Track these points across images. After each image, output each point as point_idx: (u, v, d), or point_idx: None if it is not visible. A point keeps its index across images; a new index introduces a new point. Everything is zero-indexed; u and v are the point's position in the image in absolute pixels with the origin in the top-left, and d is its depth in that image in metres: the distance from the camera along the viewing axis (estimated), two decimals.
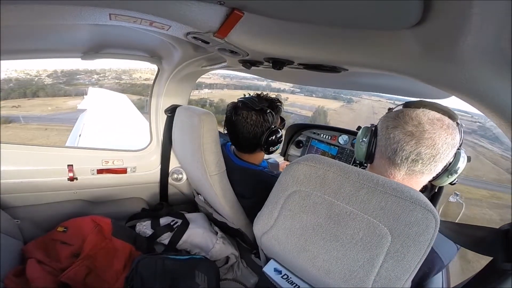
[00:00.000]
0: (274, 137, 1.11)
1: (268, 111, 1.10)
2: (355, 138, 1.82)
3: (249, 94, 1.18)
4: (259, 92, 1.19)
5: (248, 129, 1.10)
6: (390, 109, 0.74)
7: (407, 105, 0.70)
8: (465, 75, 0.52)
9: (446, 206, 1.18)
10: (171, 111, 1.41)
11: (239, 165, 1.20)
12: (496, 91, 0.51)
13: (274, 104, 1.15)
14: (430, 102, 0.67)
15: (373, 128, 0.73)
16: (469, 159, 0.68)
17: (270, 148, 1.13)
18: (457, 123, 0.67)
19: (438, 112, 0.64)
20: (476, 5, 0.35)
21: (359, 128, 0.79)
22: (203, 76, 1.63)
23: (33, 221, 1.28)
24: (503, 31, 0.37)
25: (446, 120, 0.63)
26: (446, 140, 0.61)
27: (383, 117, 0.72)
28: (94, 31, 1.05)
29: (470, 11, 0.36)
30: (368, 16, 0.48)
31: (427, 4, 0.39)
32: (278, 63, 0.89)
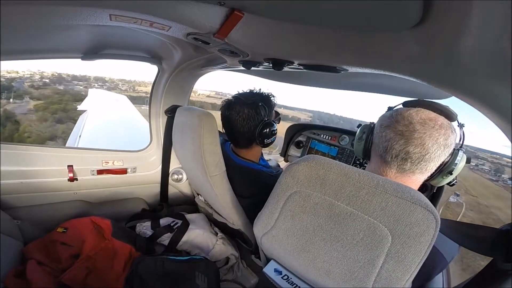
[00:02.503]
0: (267, 129, 1.12)
1: (260, 104, 1.11)
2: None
3: (243, 90, 1.19)
4: (252, 88, 1.20)
5: (242, 123, 1.11)
6: (389, 108, 0.75)
7: (405, 104, 0.71)
8: (465, 75, 0.52)
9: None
10: (171, 111, 1.41)
11: (239, 164, 1.20)
12: (496, 92, 0.51)
13: (266, 98, 1.17)
14: (428, 101, 0.67)
15: (372, 126, 0.75)
16: (468, 160, 0.68)
17: (265, 141, 1.14)
18: (458, 123, 0.67)
19: (435, 112, 0.64)
20: (476, 5, 0.35)
21: (359, 125, 0.81)
22: None
23: (33, 221, 1.28)
24: (503, 32, 0.37)
25: (440, 120, 0.63)
26: (438, 140, 0.61)
27: (381, 116, 0.73)
28: (94, 31, 1.05)
29: (470, 12, 0.36)
30: (367, 17, 0.48)
31: (426, 4, 0.39)
32: (278, 64, 0.89)
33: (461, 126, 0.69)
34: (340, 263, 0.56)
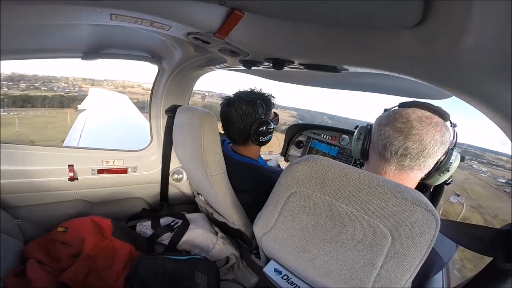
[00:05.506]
0: (264, 127, 1.13)
1: (259, 102, 1.13)
2: None
3: (243, 89, 1.21)
4: (252, 87, 1.22)
5: (239, 119, 1.13)
6: (386, 109, 0.77)
7: (401, 105, 0.74)
8: (465, 75, 0.52)
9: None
10: (172, 111, 1.41)
11: (238, 160, 1.21)
12: (496, 91, 0.51)
13: (265, 97, 1.18)
14: (422, 102, 0.70)
15: (369, 127, 0.78)
16: (462, 158, 0.71)
17: (260, 138, 1.15)
18: (451, 123, 0.70)
19: (429, 111, 0.67)
20: (476, 5, 0.35)
21: (356, 127, 0.83)
22: None
23: (33, 221, 1.28)
24: (503, 31, 0.37)
25: (435, 118, 0.67)
26: (434, 136, 0.64)
27: (378, 117, 0.75)
28: (94, 31, 1.05)
29: (470, 11, 0.36)
30: (368, 16, 0.48)
31: (427, 4, 0.39)
32: (278, 63, 0.89)
33: (453, 125, 0.71)
34: (340, 263, 0.56)
